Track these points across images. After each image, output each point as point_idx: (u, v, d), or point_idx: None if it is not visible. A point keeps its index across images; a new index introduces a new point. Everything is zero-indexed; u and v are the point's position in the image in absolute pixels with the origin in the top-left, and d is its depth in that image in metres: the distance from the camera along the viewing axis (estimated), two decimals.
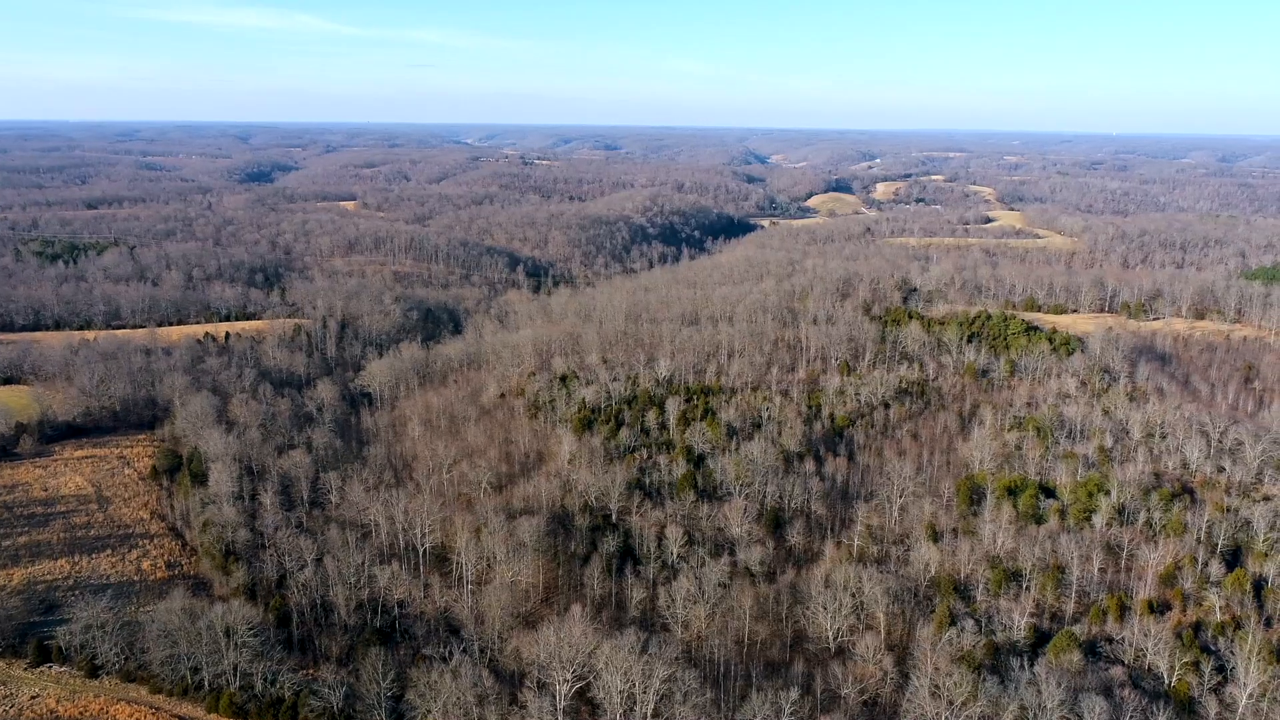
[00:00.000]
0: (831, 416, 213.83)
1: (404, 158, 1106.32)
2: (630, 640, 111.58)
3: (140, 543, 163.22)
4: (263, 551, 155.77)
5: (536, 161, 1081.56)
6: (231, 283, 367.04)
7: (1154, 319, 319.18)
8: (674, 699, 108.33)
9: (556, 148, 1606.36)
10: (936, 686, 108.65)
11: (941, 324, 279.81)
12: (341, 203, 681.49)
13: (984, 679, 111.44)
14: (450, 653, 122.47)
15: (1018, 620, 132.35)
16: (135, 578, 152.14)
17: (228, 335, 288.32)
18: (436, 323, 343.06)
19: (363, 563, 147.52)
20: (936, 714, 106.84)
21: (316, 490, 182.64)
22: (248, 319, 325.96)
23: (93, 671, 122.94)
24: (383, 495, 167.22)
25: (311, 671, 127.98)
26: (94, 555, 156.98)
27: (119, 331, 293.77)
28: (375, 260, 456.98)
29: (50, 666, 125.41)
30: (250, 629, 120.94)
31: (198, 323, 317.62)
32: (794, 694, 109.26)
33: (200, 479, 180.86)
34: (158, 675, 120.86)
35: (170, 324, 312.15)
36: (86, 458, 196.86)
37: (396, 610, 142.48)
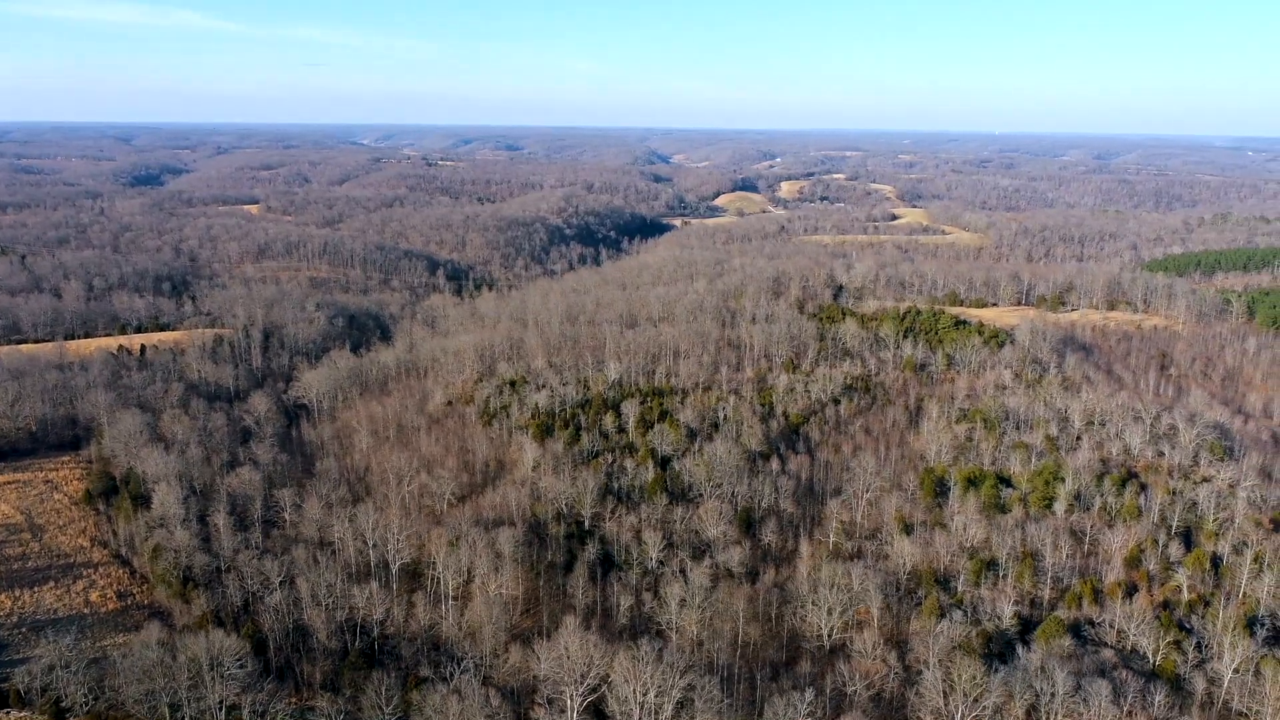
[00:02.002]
0: (785, 414, 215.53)
1: (302, 159, 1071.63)
2: (645, 650, 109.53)
3: (84, 572, 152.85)
4: (224, 576, 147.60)
5: (440, 162, 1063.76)
6: (138, 292, 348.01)
7: (1070, 310, 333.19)
8: (693, 706, 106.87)
9: (457, 148, 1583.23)
10: (950, 679, 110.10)
11: (876, 320, 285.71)
12: (244, 206, 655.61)
13: (995, 669, 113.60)
14: (450, 673, 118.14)
15: (1004, 608, 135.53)
16: (85, 610, 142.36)
17: (143, 348, 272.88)
18: (363, 329, 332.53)
19: (334, 583, 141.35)
20: (953, 706, 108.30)
21: (269, 509, 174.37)
22: (161, 330, 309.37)
23: (58, 715, 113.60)
24: (347, 511, 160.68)
25: (296, 700, 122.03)
26: (35, 588, 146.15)
27: (23, 346, 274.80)
28: (289, 266, 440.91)
29: (9, 712, 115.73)
30: (235, 659, 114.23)
31: (107, 335, 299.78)
32: (809, 695, 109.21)
33: (142, 501, 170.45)
34: (133, 715, 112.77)
35: (77, 337, 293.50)
36: (9, 483, 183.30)
37: (377, 630, 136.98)
